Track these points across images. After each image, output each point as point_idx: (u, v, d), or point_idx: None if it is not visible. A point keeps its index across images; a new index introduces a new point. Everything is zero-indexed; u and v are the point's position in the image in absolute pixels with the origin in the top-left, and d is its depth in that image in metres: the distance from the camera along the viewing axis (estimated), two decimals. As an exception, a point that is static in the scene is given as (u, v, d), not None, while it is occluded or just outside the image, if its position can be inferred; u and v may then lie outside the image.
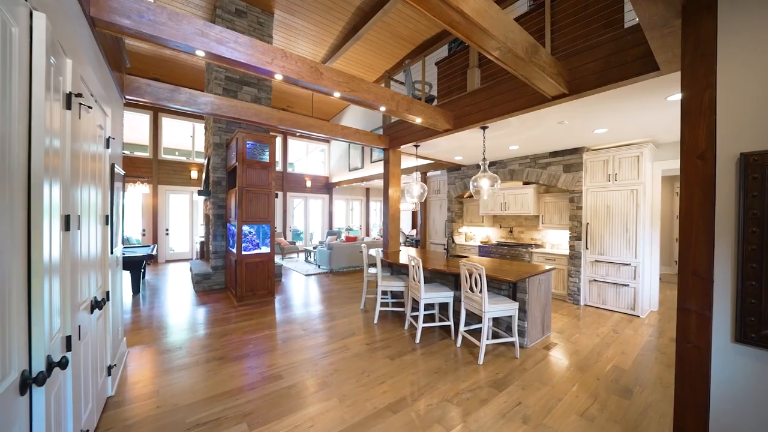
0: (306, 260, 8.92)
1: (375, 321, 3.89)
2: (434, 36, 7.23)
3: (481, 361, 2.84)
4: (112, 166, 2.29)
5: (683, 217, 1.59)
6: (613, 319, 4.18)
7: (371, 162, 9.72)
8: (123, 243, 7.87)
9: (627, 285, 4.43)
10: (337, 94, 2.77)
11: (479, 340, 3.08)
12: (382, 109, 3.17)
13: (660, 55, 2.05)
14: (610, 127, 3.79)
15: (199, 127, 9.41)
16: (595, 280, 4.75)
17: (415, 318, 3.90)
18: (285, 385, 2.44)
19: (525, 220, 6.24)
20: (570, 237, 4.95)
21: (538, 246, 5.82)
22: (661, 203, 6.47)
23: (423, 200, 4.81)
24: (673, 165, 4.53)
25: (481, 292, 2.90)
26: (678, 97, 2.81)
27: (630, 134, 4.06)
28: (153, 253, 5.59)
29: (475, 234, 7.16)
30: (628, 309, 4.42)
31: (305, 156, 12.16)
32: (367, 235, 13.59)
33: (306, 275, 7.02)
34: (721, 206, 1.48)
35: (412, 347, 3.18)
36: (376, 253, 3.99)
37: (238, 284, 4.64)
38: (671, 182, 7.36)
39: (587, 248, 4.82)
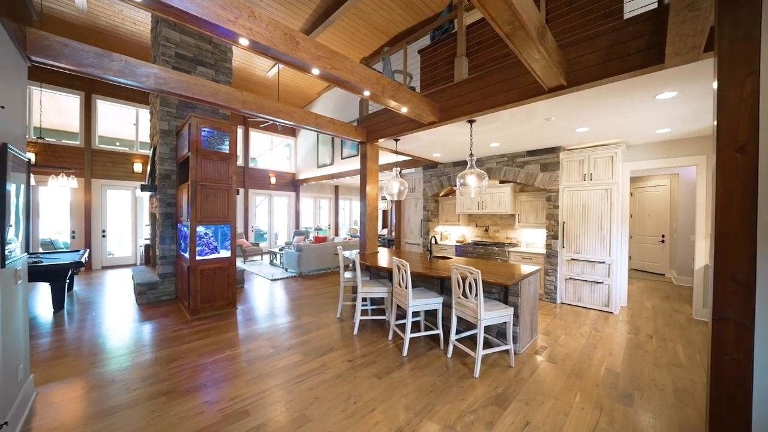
0: (271, 263, 8.22)
1: (355, 332, 3.51)
2: (409, 28, 6.97)
3: (477, 373, 2.60)
4: (4, 147, 1.66)
5: (720, 217, 1.44)
6: (590, 317, 4.22)
7: (342, 158, 9.26)
8: (41, 248, 6.56)
9: (601, 282, 4.52)
10: (315, 71, 2.35)
11: (471, 349, 2.85)
12: (366, 93, 2.80)
13: (673, 44, 1.93)
14: (592, 126, 3.78)
15: (144, 114, 8.24)
16: (571, 278, 4.81)
17: (400, 327, 3.59)
18: (253, 425, 1.98)
19: (500, 219, 6.22)
20: (547, 236, 4.97)
21: (513, 245, 5.82)
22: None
23: (403, 198, 4.51)
24: (641, 166, 4.71)
25: (476, 297, 2.66)
26: (667, 95, 2.79)
27: (608, 134, 4.11)
28: (82, 260, 4.66)
29: (450, 233, 7.05)
30: (602, 306, 4.51)
31: (269, 151, 11.31)
32: (336, 234, 13.06)
33: (272, 280, 6.40)
34: (765, 204, 1.34)
35: (400, 361, 2.86)
36: (354, 255, 3.61)
37: (192, 294, 3.98)
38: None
39: (563, 247, 4.87)
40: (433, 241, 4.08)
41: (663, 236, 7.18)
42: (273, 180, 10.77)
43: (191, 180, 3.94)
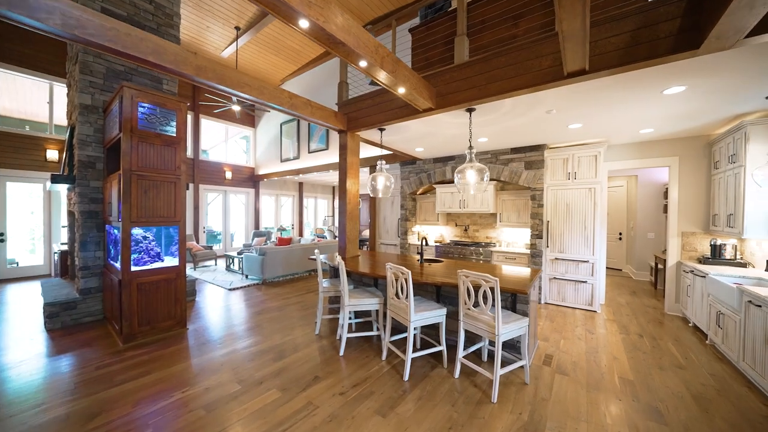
0: (228, 269, 7.22)
1: (341, 352, 2.96)
2: (386, 14, 6.52)
3: (495, 398, 2.24)
4: None
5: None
6: (578, 318, 4.16)
7: (309, 152, 8.52)
8: None
9: (585, 282, 4.50)
10: (303, 23, 1.78)
11: (476, 364, 2.49)
12: (362, 63, 2.28)
13: (723, 24, 1.72)
14: (585, 123, 3.67)
15: (62, 91, 6.71)
16: (555, 278, 4.75)
17: (397, 344, 3.13)
18: None
19: (480, 218, 6.07)
20: (531, 235, 4.86)
21: (493, 244, 5.68)
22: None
23: (389, 195, 4.05)
24: (617, 166, 4.79)
25: (492, 309, 2.30)
26: (675, 90, 2.69)
27: (597, 132, 4.06)
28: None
29: (428, 233, 6.76)
30: (586, 305, 4.50)
31: (224, 142, 10.09)
32: (301, 235, 12.18)
33: (229, 289, 5.53)
34: None
35: (402, 388, 2.39)
36: (338, 261, 3.07)
37: (125, 315, 3.10)
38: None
39: (548, 246, 4.80)
40: (423, 242, 3.67)
41: (620, 234, 7.64)
42: (228, 175, 9.62)
43: (123, 169, 3.06)
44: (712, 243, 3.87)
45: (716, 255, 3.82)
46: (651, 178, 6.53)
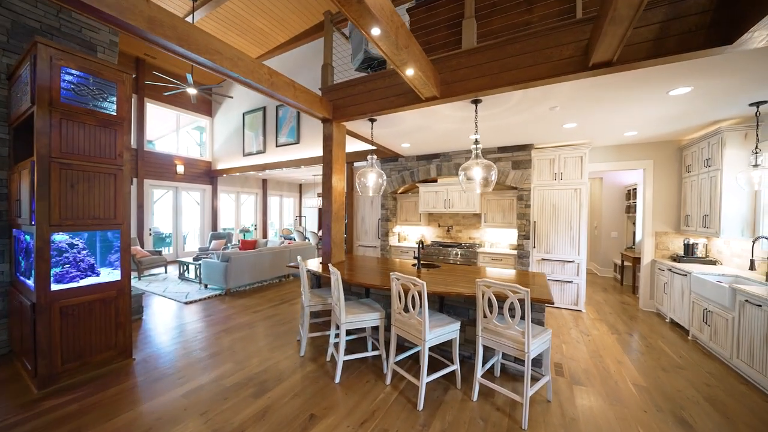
0: (181, 277, 6.25)
1: (337, 379, 2.50)
2: None
3: (525, 424, 1.97)
4: None
5: None
6: (567, 318, 4.14)
7: (277, 146, 7.78)
8: None
9: (571, 282, 4.53)
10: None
11: (492, 381, 2.23)
12: (375, 32, 1.87)
13: (774, 13, 1.62)
14: (581, 122, 3.62)
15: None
16: (541, 279, 4.73)
17: (399, 364, 2.74)
18: None
19: (463, 219, 5.92)
20: (518, 236, 4.79)
21: (476, 245, 5.57)
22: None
23: (380, 193, 3.66)
24: (596, 168, 4.91)
25: (520, 323, 2.03)
26: (681, 91, 2.67)
27: (587, 133, 4.06)
28: None
29: (408, 234, 6.48)
30: (572, 305, 4.53)
31: (174, 132, 8.84)
32: (264, 236, 11.23)
33: (185, 303, 4.71)
34: None
35: (420, 422, 2.03)
36: (332, 271, 2.61)
37: (42, 350, 2.32)
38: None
39: (534, 247, 4.76)
40: (420, 246, 3.35)
41: (584, 233, 8.04)
42: (180, 169, 8.44)
43: (39, 154, 2.28)
44: (686, 242, 4.08)
45: (689, 253, 4.02)
46: (615, 180, 6.92)
